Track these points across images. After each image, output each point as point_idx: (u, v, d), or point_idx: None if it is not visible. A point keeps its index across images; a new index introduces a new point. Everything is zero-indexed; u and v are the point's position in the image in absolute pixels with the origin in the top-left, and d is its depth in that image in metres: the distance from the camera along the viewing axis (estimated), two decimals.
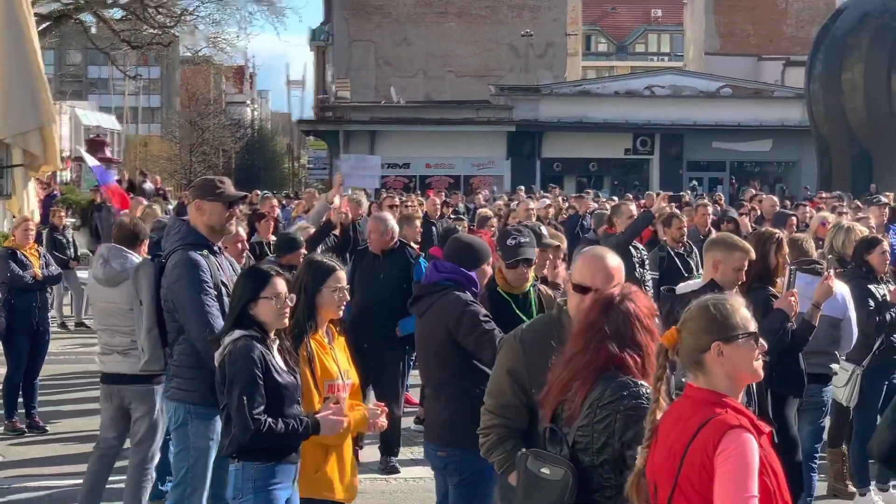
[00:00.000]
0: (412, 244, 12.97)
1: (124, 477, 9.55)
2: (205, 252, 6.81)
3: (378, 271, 10.38)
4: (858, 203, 20.16)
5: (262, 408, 5.49)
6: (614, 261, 5.13)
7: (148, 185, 31.60)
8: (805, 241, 8.79)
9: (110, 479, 8.74)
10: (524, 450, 4.84)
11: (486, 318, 6.52)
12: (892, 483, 9.52)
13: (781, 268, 7.55)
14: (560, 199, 24.72)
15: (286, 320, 5.78)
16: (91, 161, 16.88)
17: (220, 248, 7.06)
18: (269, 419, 5.49)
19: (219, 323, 6.52)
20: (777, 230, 7.92)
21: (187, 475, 6.80)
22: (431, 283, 6.77)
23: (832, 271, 7.99)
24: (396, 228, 10.61)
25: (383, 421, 6.21)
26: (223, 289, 6.72)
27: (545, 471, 4.50)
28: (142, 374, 7.94)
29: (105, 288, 8.41)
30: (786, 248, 7.67)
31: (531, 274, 6.92)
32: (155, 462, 8.24)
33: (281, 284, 5.75)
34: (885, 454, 4.94)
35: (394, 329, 10.01)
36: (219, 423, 6.64)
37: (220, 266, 6.90)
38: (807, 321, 7.47)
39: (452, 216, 19.45)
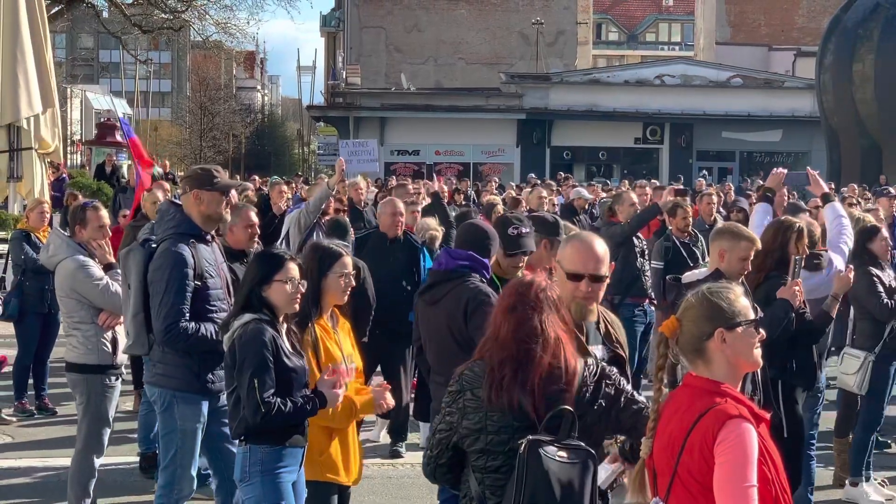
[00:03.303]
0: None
1: (127, 458, 9.67)
2: (192, 242, 6.82)
3: (388, 255, 10.30)
4: (868, 194, 20.14)
5: (273, 391, 5.53)
6: (602, 246, 5.08)
7: (157, 171, 31.70)
8: (812, 228, 8.68)
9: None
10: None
11: None
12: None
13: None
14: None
15: (297, 305, 5.82)
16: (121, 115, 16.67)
17: (212, 237, 7.06)
18: (279, 400, 5.53)
19: (184, 320, 6.59)
20: (798, 220, 7.89)
21: (176, 456, 6.84)
22: (448, 269, 6.64)
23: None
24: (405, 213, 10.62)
25: (390, 400, 6.18)
26: (208, 280, 6.76)
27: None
28: (74, 362, 7.92)
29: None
30: (805, 239, 7.64)
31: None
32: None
33: (294, 269, 5.79)
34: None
35: (402, 314, 9.76)
36: (205, 406, 6.76)
37: (210, 255, 6.91)
38: (825, 312, 7.52)
39: (464, 203, 19.40)
